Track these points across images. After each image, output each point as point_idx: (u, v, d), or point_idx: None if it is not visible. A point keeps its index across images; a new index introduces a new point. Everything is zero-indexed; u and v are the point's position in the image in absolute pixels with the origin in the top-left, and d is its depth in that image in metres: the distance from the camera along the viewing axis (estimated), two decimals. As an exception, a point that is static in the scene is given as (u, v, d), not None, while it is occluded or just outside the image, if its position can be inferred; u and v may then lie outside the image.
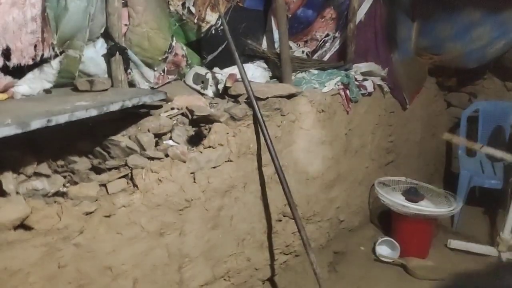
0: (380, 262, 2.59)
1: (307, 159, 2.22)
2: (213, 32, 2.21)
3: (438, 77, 3.52)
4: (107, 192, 1.40)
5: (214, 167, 1.69)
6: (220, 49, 2.26)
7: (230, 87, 2.06)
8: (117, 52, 1.66)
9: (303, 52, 2.64)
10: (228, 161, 1.75)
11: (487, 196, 3.11)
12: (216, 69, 2.24)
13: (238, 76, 2.05)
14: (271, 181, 2.00)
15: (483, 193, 3.13)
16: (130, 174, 1.47)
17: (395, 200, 2.60)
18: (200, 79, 2.14)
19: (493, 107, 3.17)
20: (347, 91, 2.48)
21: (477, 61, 3.10)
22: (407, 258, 2.58)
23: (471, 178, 3.02)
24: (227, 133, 1.73)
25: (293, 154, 2.14)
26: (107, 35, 1.68)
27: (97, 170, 1.52)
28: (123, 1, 1.75)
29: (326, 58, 2.77)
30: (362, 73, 2.67)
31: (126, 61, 1.70)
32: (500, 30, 2.87)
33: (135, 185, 1.44)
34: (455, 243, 2.75)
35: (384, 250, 2.64)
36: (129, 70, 1.78)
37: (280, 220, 2.09)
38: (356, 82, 2.56)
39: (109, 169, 1.49)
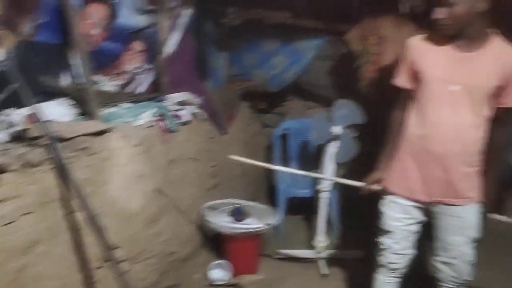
0: (215, 287, 2.63)
1: (125, 196, 2.13)
2: (1, 69, 1.96)
3: (251, 101, 3.83)
4: None
5: (8, 224, 1.47)
6: (13, 87, 2.02)
7: (28, 129, 1.85)
8: None
9: (113, 85, 2.55)
10: (27, 213, 1.55)
11: (304, 204, 3.48)
12: (9, 110, 1.98)
13: (39, 116, 1.86)
14: (87, 226, 1.85)
15: (300, 202, 3.50)
16: None
17: (221, 222, 2.70)
18: (-13, 123, 1.87)
19: (299, 125, 3.58)
20: (163, 122, 2.49)
21: (278, 85, 3.50)
22: (240, 276, 2.69)
23: (287, 190, 3.36)
24: (22, 182, 1.54)
25: (109, 193, 2.02)
26: None
27: None
28: None
29: (140, 90, 2.74)
30: (178, 103, 2.72)
31: None
32: (292, 58, 3.30)
33: None
34: (280, 253, 2.99)
35: (218, 273, 2.69)
36: None
37: (102, 267, 1.94)
38: (172, 112, 2.59)
39: None
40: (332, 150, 2.98)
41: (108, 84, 2.54)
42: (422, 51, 1.91)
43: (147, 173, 2.31)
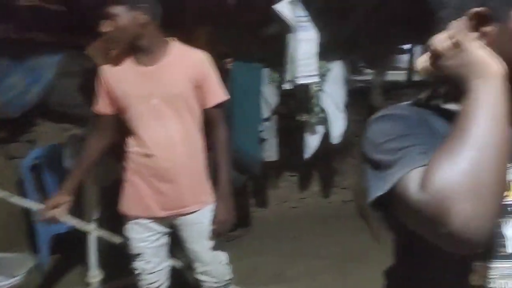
0: None
1: None
2: None
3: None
4: None
5: None
6: None
7: None
8: None
9: None
10: None
11: (73, 239, 3.08)
12: None
13: None
14: None
15: (69, 237, 3.08)
16: None
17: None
18: None
19: (52, 151, 3.13)
20: None
21: (20, 108, 3.01)
22: None
23: (48, 227, 2.91)
24: None
25: None
26: None
27: None
28: None
29: None
30: None
31: None
32: (31, 76, 2.88)
33: None
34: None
35: None
36: None
37: None
38: None
39: None
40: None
41: None
42: (114, 74, 1.86)
43: None
